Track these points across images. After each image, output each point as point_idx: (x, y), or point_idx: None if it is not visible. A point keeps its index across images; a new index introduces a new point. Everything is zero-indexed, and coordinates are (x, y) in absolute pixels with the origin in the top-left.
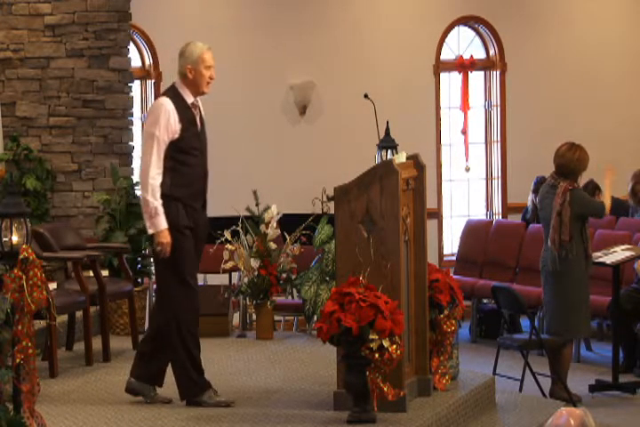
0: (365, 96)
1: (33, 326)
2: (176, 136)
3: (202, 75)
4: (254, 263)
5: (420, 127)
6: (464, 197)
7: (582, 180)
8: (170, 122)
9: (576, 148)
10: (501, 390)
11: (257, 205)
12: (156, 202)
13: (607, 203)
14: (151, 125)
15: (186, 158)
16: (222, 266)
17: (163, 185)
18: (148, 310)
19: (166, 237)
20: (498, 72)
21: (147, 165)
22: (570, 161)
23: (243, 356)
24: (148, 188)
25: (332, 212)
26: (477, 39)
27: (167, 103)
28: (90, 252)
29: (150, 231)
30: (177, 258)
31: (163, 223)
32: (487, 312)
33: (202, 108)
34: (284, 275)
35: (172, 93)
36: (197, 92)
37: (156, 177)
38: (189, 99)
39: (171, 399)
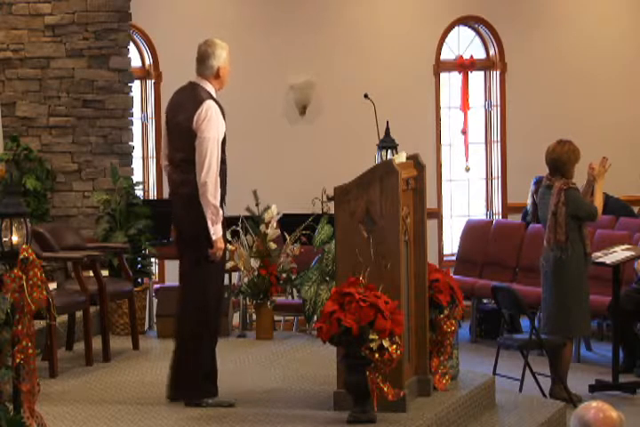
0: (365, 96)
1: (33, 326)
2: (223, 136)
3: (228, 73)
4: (254, 263)
5: (420, 127)
6: (464, 197)
7: (581, 180)
8: (221, 123)
9: (564, 142)
10: (501, 390)
11: (257, 205)
12: (217, 205)
13: (599, 204)
14: (208, 130)
15: (223, 156)
16: None
17: None
18: (148, 310)
19: (223, 243)
20: (498, 72)
21: (213, 171)
22: (561, 154)
23: (243, 356)
24: (216, 193)
25: (332, 212)
26: (477, 39)
27: (215, 105)
28: (90, 252)
29: (214, 237)
30: (218, 263)
31: (222, 229)
32: (487, 312)
33: None
34: (284, 275)
35: (208, 95)
36: (221, 88)
37: (213, 179)
38: (215, 96)
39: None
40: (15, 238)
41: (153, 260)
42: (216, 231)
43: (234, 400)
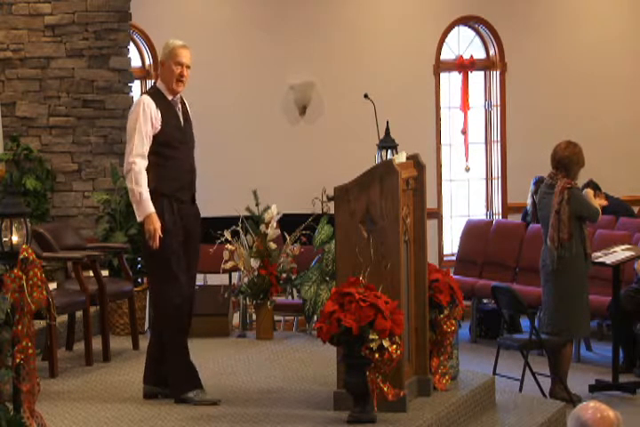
0: (365, 96)
1: (33, 326)
2: (158, 128)
3: (170, 70)
4: (254, 263)
5: (420, 127)
6: (464, 197)
7: (582, 180)
8: (150, 115)
9: (575, 144)
10: (501, 390)
11: (257, 205)
12: (138, 188)
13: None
14: (131, 121)
15: (170, 152)
16: (222, 266)
17: (150, 180)
18: (148, 310)
19: (153, 223)
20: (498, 72)
21: (126, 154)
22: (572, 154)
23: (243, 356)
24: (129, 175)
25: (332, 212)
26: (477, 39)
27: (145, 99)
28: (90, 252)
29: (139, 219)
30: (162, 255)
31: (148, 208)
32: (487, 312)
33: (187, 105)
34: (284, 275)
35: (153, 90)
36: (168, 88)
37: (133, 164)
38: (169, 95)
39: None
40: (15, 238)
41: None
42: (139, 211)
43: (219, 399)
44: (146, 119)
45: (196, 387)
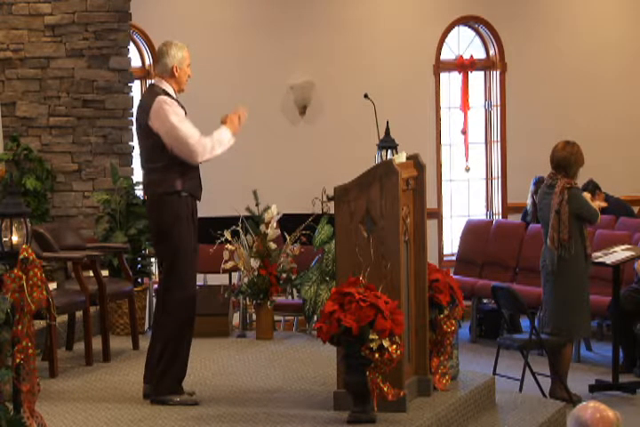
0: (365, 96)
1: (33, 326)
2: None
3: (185, 73)
4: (254, 263)
5: (419, 127)
6: (464, 197)
7: (581, 180)
8: (179, 113)
9: (573, 144)
10: (501, 390)
11: (257, 205)
12: (214, 139)
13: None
14: (163, 116)
15: None
16: (222, 266)
17: (173, 180)
18: (148, 310)
19: (234, 118)
20: (498, 72)
21: (183, 145)
22: (570, 154)
23: (243, 356)
24: (203, 153)
25: (332, 212)
26: (477, 39)
27: (167, 98)
28: (90, 252)
29: (233, 135)
30: (183, 251)
31: (227, 128)
32: (487, 312)
33: None
34: (284, 275)
35: (162, 92)
36: (180, 89)
37: (194, 145)
38: (174, 95)
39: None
40: (15, 238)
41: (153, 260)
42: (232, 136)
43: (197, 399)
44: (179, 106)
45: (180, 394)
